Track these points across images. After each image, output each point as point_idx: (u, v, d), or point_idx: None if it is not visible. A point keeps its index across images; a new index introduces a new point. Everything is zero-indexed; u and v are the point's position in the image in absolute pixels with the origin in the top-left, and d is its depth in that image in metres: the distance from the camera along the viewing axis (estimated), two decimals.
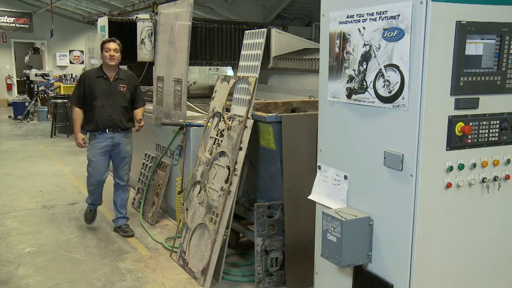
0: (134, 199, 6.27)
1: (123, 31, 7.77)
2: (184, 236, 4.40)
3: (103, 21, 7.93)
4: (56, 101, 12.09)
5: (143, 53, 7.77)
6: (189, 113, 5.70)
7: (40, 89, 15.41)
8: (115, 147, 5.06)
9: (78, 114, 5.00)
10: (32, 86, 16.00)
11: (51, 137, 11.70)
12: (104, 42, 5.02)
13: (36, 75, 16.00)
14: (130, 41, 7.69)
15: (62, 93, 14.35)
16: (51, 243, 4.98)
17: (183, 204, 4.69)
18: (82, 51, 18.13)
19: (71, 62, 19.68)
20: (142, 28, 7.73)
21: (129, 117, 5.10)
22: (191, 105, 6.23)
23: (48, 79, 15.79)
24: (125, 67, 8.53)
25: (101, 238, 5.13)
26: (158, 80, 6.00)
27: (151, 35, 7.67)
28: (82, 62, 17.72)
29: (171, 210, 5.73)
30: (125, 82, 5.02)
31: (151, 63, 6.86)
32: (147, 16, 8.04)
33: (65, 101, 11.98)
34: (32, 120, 14.35)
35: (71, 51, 19.64)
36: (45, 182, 7.47)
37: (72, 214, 5.91)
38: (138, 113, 5.15)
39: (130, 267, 4.38)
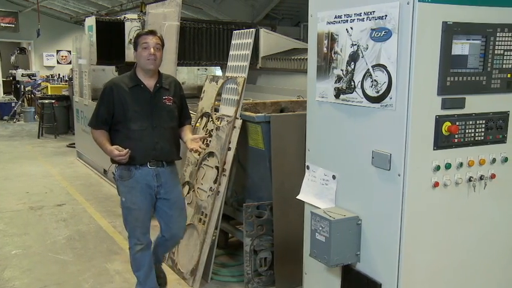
0: None
1: (111, 31, 7.72)
2: None
3: (90, 21, 7.88)
4: (43, 101, 11.98)
5: (131, 53, 7.71)
6: None
7: (27, 89, 15.25)
8: (160, 189, 3.48)
9: (101, 134, 3.42)
10: (19, 86, 15.83)
11: (38, 137, 11.59)
12: (139, 35, 3.43)
13: (22, 75, 15.83)
14: (119, 41, 7.65)
15: (49, 93, 14.23)
16: (38, 245, 4.93)
17: None
18: (69, 52, 17.98)
19: (58, 62, 19.51)
20: (131, 28, 7.68)
21: (178, 143, 3.62)
22: None
23: (35, 79, 15.64)
24: (112, 68, 8.52)
25: (89, 239, 5.09)
26: None
27: None
28: (69, 63, 17.58)
29: None
30: (169, 92, 3.49)
31: None
32: (135, 16, 8.00)
33: (52, 101, 11.88)
34: (18, 120, 14.20)
35: (58, 51, 19.47)
36: (32, 183, 7.40)
37: (60, 215, 5.86)
38: (187, 132, 3.62)
39: (119, 269, 4.36)
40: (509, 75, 2.52)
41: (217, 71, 8.93)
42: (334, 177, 2.81)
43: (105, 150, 3.41)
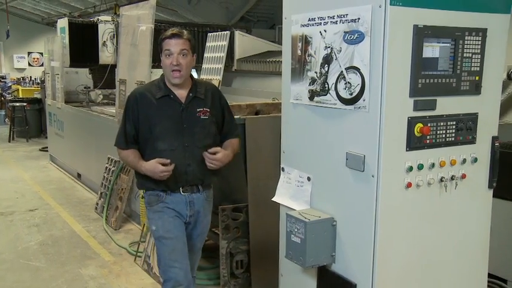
0: (97, 204, 6.15)
1: (84, 33, 7.63)
2: (149, 241, 4.35)
3: (63, 23, 7.77)
4: (14, 104, 11.75)
5: (105, 56, 7.65)
6: None
7: None
8: (192, 218, 3.00)
9: (132, 153, 2.94)
10: None
11: (9, 141, 11.36)
12: (164, 38, 2.89)
13: None
14: (92, 44, 7.56)
15: (21, 96, 13.95)
16: (8, 251, 4.82)
17: None
18: (41, 53, 17.65)
19: (29, 65, 19.11)
20: (104, 30, 7.61)
21: None
22: None
23: (5, 82, 15.31)
24: (86, 70, 8.41)
25: (63, 244, 5.00)
26: (121, 83, 5.92)
27: (114, 37, 7.56)
28: (42, 65, 17.26)
29: (135, 215, 5.65)
30: (205, 103, 2.97)
31: (114, 66, 6.76)
32: (108, 18, 7.93)
33: (24, 104, 11.66)
34: None
35: (29, 53, 19.09)
36: (2, 188, 7.24)
37: (32, 221, 5.75)
38: (228, 146, 3.07)
39: (93, 274, 4.30)
40: (477, 78, 2.58)
41: (193, 73, 8.89)
42: (309, 178, 2.82)
43: (143, 169, 2.85)
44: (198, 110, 2.92)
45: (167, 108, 2.89)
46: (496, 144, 2.75)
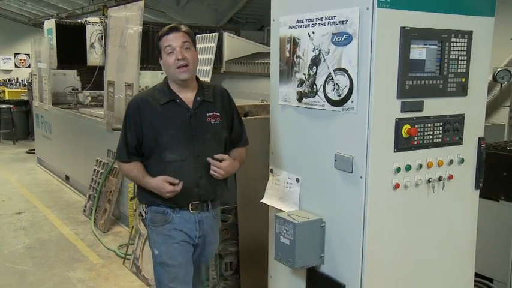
0: (85, 206, 6.11)
1: (72, 35, 7.59)
2: (138, 243, 4.33)
3: (50, 24, 7.72)
4: (0, 106, 11.63)
5: (93, 57, 7.61)
6: None
7: None
8: (200, 240, 2.71)
9: (135, 166, 2.62)
10: None
11: None
12: (159, 37, 2.59)
13: None
14: (80, 45, 7.52)
15: (7, 98, 13.82)
16: None
17: (135, 210, 4.61)
18: (28, 55, 17.49)
19: (16, 66, 18.92)
20: (92, 32, 7.58)
21: (226, 177, 2.73)
22: None
23: None
24: (74, 72, 8.35)
25: (50, 248, 4.96)
26: (109, 84, 5.89)
27: (102, 38, 7.53)
28: (28, 66, 17.10)
29: (124, 217, 5.62)
30: (215, 106, 2.68)
31: (102, 68, 6.73)
32: (96, 19, 7.90)
33: (10, 106, 11.55)
34: None
35: (16, 54, 18.89)
36: None
37: (19, 224, 5.69)
38: (236, 156, 2.78)
39: (82, 277, 4.26)
40: (463, 79, 2.61)
41: None
42: (297, 180, 2.83)
43: (149, 186, 2.55)
44: (207, 114, 2.63)
45: (174, 115, 2.58)
46: (482, 145, 2.78)
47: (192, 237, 2.64)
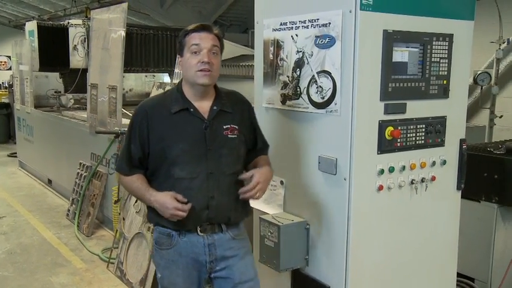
0: (69, 210, 6.04)
1: (54, 36, 7.50)
2: (122, 246, 4.29)
3: (31, 26, 7.63)
4: None
5: (76, 60, 7.53)
6: (125, 121, 5.56)
7: None
8: (215, 264, 2.38)
9: (137, 179, 2.33)
10: None
11: None
12: (186, 33, 2.28)
13: None
14: (62, 47, 7.44)
15: None
16: None
17: (119, 213, 4.58)
18: (9, 57, 17.24)
19: None
20: (75, 34, 7.50)
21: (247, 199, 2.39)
22: (127, 112, 6.10)
23: None
24: (56, 74, 8.26)
25: (32, 252, 4.89)
26: (92, 87, 5.84)
27: (85, 41, 7.46)
28: (10, 68, 16.85)
29: (108, 221, 5.57)
30: (234, 118, 2.36)
31: (85, 70, 6.66)
32: (79, 21, 7.81)
33: None
34: None
35: None
36: None
37: None
38: (261, 162, 2.47)
39: (65, 282, 4.22)
40: (444, 82, 2.64)
41: (165, 78, 8.84)
42: (282, 182, 2.83)
43: (152, 199, 2.26)
44: (224, 127, 2.31)
45: (186, 126, 2.28)
46: (464, 146, 2.82)
47: (201, 262, 2.35)
